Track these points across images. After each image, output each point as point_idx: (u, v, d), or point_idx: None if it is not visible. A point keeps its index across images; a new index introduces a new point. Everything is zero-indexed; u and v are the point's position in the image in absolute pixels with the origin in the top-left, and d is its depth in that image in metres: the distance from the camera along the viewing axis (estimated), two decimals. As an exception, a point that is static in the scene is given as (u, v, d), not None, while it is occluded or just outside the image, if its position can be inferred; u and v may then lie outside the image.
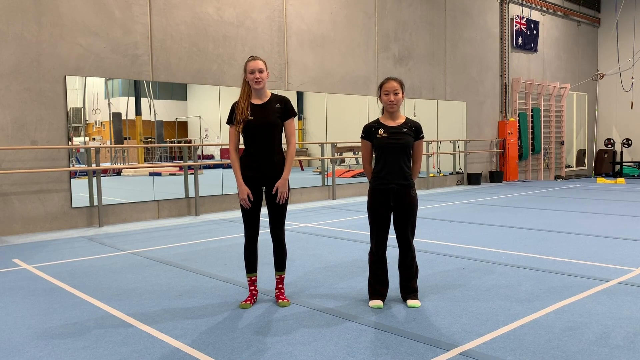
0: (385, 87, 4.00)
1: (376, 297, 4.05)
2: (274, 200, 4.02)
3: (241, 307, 4.00)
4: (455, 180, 14.69)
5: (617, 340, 3.24)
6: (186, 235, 7.26)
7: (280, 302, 4.05)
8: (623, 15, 18.40)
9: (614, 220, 8.03)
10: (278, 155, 4.03)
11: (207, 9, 9.54)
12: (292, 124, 4.06)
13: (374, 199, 4.02)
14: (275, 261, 4.19)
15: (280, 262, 4.17)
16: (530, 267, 5.12)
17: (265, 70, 3.96)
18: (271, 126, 3.96)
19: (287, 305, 4.02)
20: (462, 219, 8.33)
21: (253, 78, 3.92)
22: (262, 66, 3.93)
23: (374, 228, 4.04)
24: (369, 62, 12.29)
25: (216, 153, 11.89)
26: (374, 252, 4.08)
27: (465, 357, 3.03)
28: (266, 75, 3.97)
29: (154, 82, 9.17)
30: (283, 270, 4.19)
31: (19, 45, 7.57)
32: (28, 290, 4.63)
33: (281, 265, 4.18)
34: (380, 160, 4.01)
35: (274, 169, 4.01)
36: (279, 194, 3.99)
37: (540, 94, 17.04)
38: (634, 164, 18.29)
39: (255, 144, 3.98)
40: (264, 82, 3.97)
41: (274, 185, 3.99)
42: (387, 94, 3.99)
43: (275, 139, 4.00)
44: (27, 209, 7.69)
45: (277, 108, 4.00)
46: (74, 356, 3.15)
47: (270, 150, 3.98)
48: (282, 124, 4.02)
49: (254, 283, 4.17)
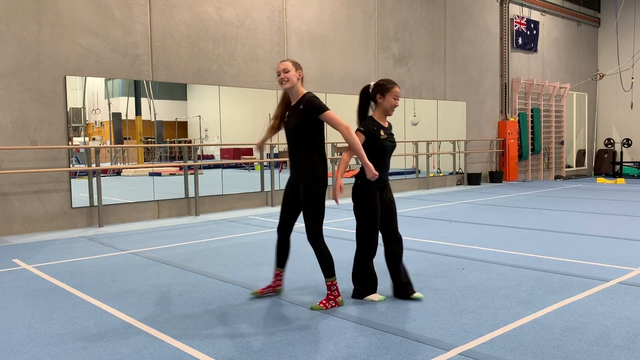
0: (396, 92, 4.10)
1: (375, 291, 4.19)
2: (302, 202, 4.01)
3: (251, 294, 4.13)
4: (455, 180, 14.69)
5: (617, 340, 3.23)
6: (186, 235, 7.26)
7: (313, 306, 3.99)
8: (623, 15, 18.40)
9: (614, 220, 8.03)
10: (305, 157, 3.94)
11: (207, 9, 9.54)
12: (328, 117, 3.86)
13: (375, 198, 4.07)
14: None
15: (321, 267, 3.99)
16: (530, 267, 5.12)
17: (291, 69, 3.94)
18: (294, 129, 3.95)
19: (317, 309, 3.93)
20: (462, 219, 8.33)
21: (278, 79, 3.98)
22: (287, 66, 3.95)
23: (376, 225, 4.10)
24: (369, 62, 12.29)
25: (216, 153, 11.89)
26: (373, 250, 4.15)
27: (465, 357, 3.03)
28: (294, 74, 3.94)
29: (154, 82, 9.17)
30: (326, 276, 3.98)
31: (19, 45, 7.57)
32: (28, 290, 4.63)
33: (323, 270, 3.99)
34: (380, 160, 4.07)
35: (302, 170, 3.96)
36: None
37: (540, 94, 17.04)
38: (634, 164, 18.29)
39: (288, 145, 4.05)
40: (291, 82, 3.94)
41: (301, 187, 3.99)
42: (396, 98, 4.12)
43: (300, 141, 3.94)
44: (27, 209, 7.69)
45: (300, 110, 3.92)
46: (74, 356, 3.15)
47: (297, 152, 3.99)
48: (308, 126, 3.90)
49: (276, 277, 4.26)
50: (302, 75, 3.99)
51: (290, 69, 3.92)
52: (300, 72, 3.98)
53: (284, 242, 4.19)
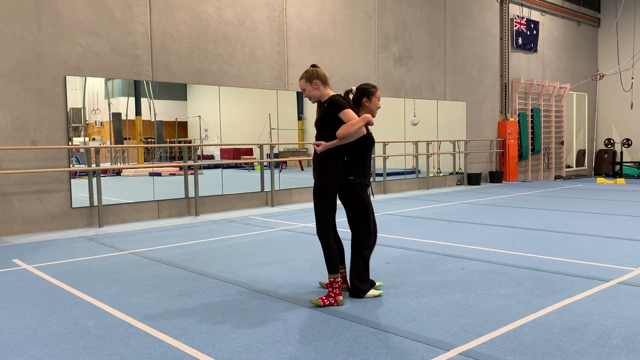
0: (379, 96, 4.30)
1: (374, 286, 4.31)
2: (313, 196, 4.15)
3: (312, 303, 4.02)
4: (455, 180, 14.69)
5: (617, 340, 3.23)
6: (186, 235, 7.26)
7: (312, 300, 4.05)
8: (623, 15, 18.40)
9: (614, 220, 8.03)
10: (324, 153, 4.04)
11: (207, 9, 9.54)
12: (345, 115, 3.95)
13: (368, 194, 4.23)
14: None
15: (325, 262, 4.10)
16: (530, 267, 5.12)
17: (306, 86, 4.11)
18: (317, 125, 4.14)
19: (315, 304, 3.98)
20: (462, 219, 8.33)
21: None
22: (301, 85, 4.14)
23: (374, 221, 4.24)
24: (369, 62, 12.29)
25: (216, 153, 11.89)
26: (373, 246, 4.27)
27: (465, 357, 3.03)
28: (311, 89, 4.10)
29: (154, 82, 9.17)
30: (328, 272, 4.05)
31: (19, 45, 7.57)
32: (28, 290, 4.63)
33: (326, 266, 4.07)
34: (366, 157, 4.21)
35: (318, 164, 4.09)
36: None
37: (540, 94, 17.04)
38: (634, 164, 18.29)
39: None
40: (313, 96, 4.13)
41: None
42: (379, 100, 4.30)
43: (321, 137, 4.08)
44: (27, 209, 7.69)
45: (324, 107, 4.08)
46: (74, 356, 3.15)
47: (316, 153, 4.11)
48: (330, 123, 4.01)
49: (331, 285, 4.06)
50: (318, 85, 4.08)
51: (305, 86, 4.11)
52: (316, 81, 4.07)
53: (334, 240, 4.20)
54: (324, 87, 4.09)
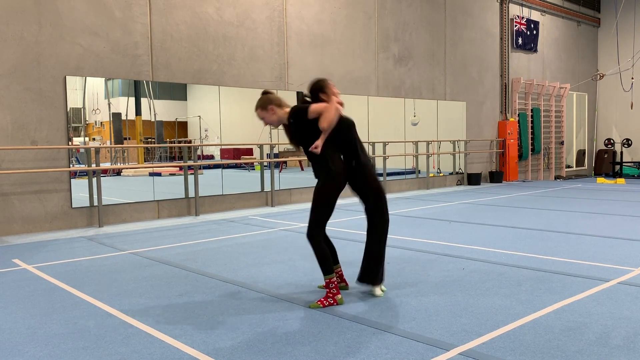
0: (332, 84, 4.16)
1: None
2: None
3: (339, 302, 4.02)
4: (455, 180, 14.69)
5: (617, 340, 3.23)
6: (186, 235, 7.26)
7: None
8: (623, 15, 18.39)
9: (614, 220, 8.03)
10: (320, 157, 4.03)
11: (207, 9, 9.54)
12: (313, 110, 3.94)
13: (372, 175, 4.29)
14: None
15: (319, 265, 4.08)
16: (530, 267, 5.12)
17: (264, 114, 4.13)
18: (300, 143, 4.13)
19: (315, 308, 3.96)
20: (462, 219, 8.33)
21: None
22: (258, 114, 4.17)
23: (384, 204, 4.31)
24: (369, 62, 12.29)
25: (216, 153, 11.89)
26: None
27: (465, 357, 3.03)
28: (269, 116, 4.12)
29: (154, 82, 9.17)
30: (323, 274, 4.04)
31: (19, 45, 7.57)
32: (28, 290, 4.63)
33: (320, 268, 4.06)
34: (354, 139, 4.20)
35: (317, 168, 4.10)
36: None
37: (540, 94, 17.04)
38: (634, 164, 18.29)
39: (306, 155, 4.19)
40: (273, 122, 4.15)
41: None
42: (334, 88, 4.17)
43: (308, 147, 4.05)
44: (27, 209, 7.69)
45: (292, 124, 4.07)
46: (74, 356, 3.15)
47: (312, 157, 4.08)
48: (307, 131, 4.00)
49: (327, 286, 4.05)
50: (274, 109, 4.08)
51: (262, 115, 4.13)
52: (271, 106, 4.08)
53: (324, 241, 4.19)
54: (280, 109, 4.09)
